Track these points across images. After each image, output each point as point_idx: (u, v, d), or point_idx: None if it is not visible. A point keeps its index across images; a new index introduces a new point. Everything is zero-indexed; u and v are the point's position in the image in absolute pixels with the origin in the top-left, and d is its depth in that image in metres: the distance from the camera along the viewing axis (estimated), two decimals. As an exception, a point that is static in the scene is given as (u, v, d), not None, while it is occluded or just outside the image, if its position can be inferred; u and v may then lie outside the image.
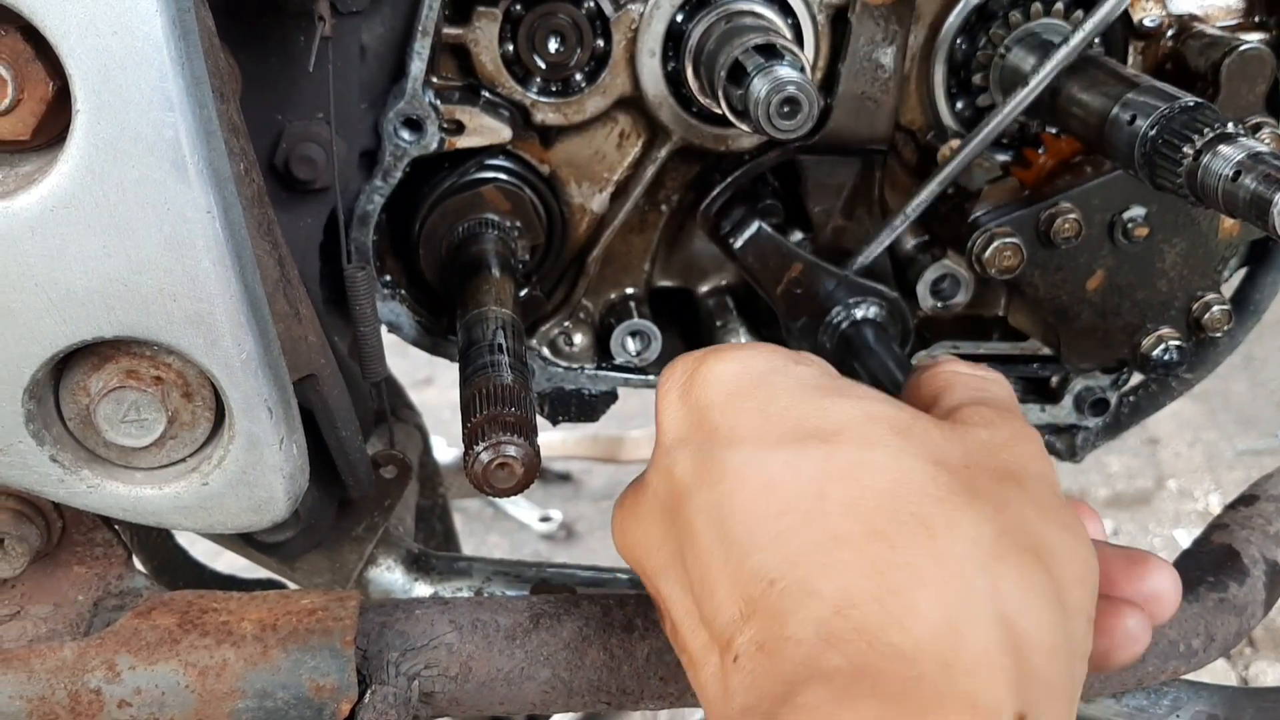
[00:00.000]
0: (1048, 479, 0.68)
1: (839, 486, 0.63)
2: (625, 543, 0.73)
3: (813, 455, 0.64)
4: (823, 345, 1.08)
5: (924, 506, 0.62)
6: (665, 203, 1.14)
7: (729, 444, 0.67)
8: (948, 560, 0.59)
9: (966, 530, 0.61)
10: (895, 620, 0.57)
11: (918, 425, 0.67)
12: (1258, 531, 1.04)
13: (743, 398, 0.69)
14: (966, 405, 0.72)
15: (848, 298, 1.08)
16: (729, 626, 0.62)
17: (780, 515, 0.63)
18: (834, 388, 0.70)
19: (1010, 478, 0.66)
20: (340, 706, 0.82)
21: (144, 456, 0.75)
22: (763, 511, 0.63)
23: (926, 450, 0.65)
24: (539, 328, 1.15)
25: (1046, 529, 0.64)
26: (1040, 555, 0.62)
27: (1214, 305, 1.10)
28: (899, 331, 1.09)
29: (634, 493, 0.73)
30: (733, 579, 0.62)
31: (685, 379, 0.72)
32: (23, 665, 0.81)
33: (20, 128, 0.64)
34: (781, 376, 0.70)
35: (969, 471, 0.65)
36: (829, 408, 0.67)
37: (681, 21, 1.02)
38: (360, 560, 1.12)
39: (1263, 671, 2.55)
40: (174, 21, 0.61)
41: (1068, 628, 0.61)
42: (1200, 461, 3.29)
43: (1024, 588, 0.60)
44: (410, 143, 1.03)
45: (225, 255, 0.67)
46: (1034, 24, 1.04)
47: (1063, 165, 1.07)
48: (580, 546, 3.07)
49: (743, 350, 0.73)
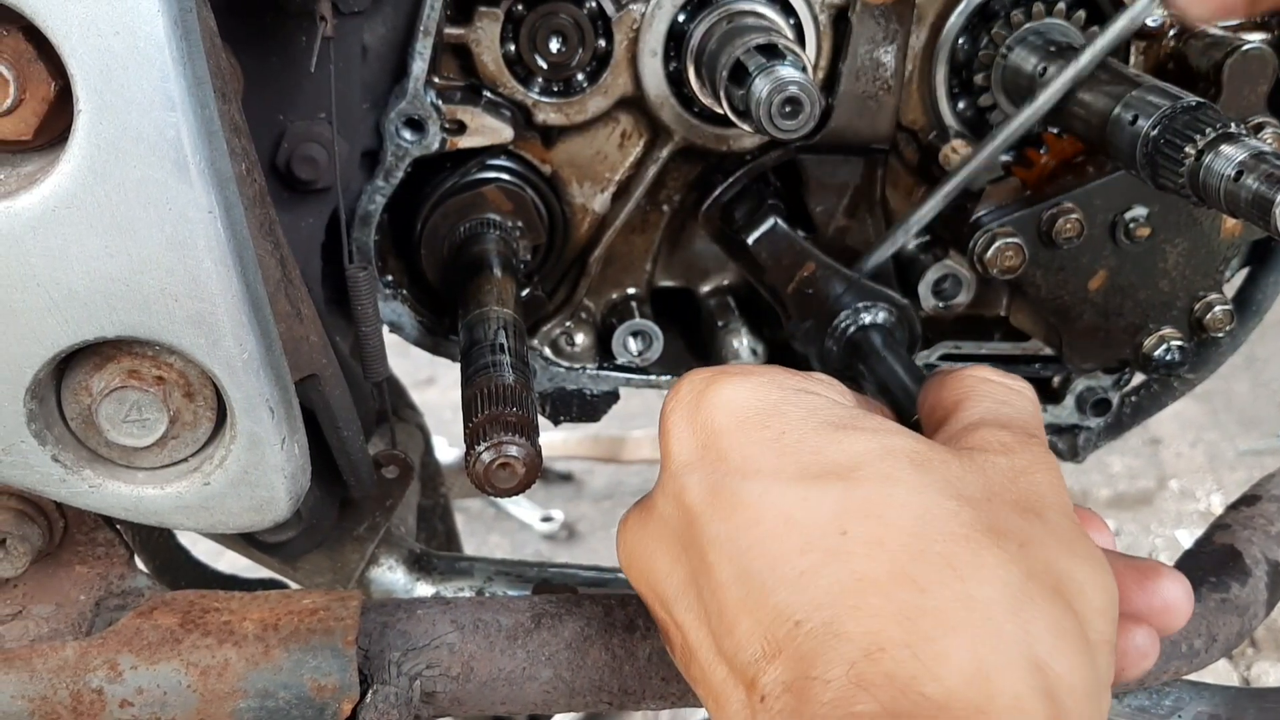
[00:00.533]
0: (1065, 508, 0.67)
1: (861, 524, 0.62)
2: (633, 566, 0.72)
3: (832, 491, 0.64)
4: (830, 349, 1.07)
5: (949, 545, 0.61)
6: (667, 203, 1.14)
7: (743, 474, 0.66)
8: (976, 604, 0.59)
9: (993, 571, 0.60)
10: (927, 668, 0.57)
11: (935, 457, 0.66)
12: (1260, 532, 1.04)
13: (755, 426, 0.68)
14: (984, 426, 0.71)
15: (856, 301, 1.07)
16: (752, 665, 0.61)
17: (802, 553, 0.62)
18: (848, 419, 0.69)
19: (1030, 509, 0.65)
20: (342, 706, 0.82)
21: (146, 456, 0.75)
22: (783, 548, 0.62)
23: (947, 484, 0.64)
24: (541, 328, 1.15)
25: (1069, 562, 0.63)
26: (1065, 593, 0.62)
27: (1216, 305, 1.10)
28: (907, 337, 1.08)
29: (641, 514, 0.72)
30: (754, 616, 0.62)
31: (692, 401, 0.70)
32: (25, 665, 0.81)
33: (22, 128, 0.64)
34: (794, 406, 0.69)
35: (990, 505, 0.64)
36: (844, 441, 0.66)
37: (683, 21, 1.02)
38: (362, 560, 1.12)
39: (1265, 672, 2.55)
40: (176, 21, 0.61)
41: (1095, 663, 0.61)
42: (1202, 462, 3.29)
43: (1053, 630, 0.59)
44: (412, 143, 1.03)
45: (227, 255, 0.67)
46: (1036, 24, 1.04)
47: (1064, 165, 1.07)
48: (582, 546, 3.07)
49: (752, 374, 0.71)
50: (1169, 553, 2.92)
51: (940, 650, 0.57)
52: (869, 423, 0.69)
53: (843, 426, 0.68)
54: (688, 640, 0.68)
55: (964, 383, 0.76)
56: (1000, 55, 1.05)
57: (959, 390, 0.76)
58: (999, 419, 0.72)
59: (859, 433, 0.67)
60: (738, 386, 0.70)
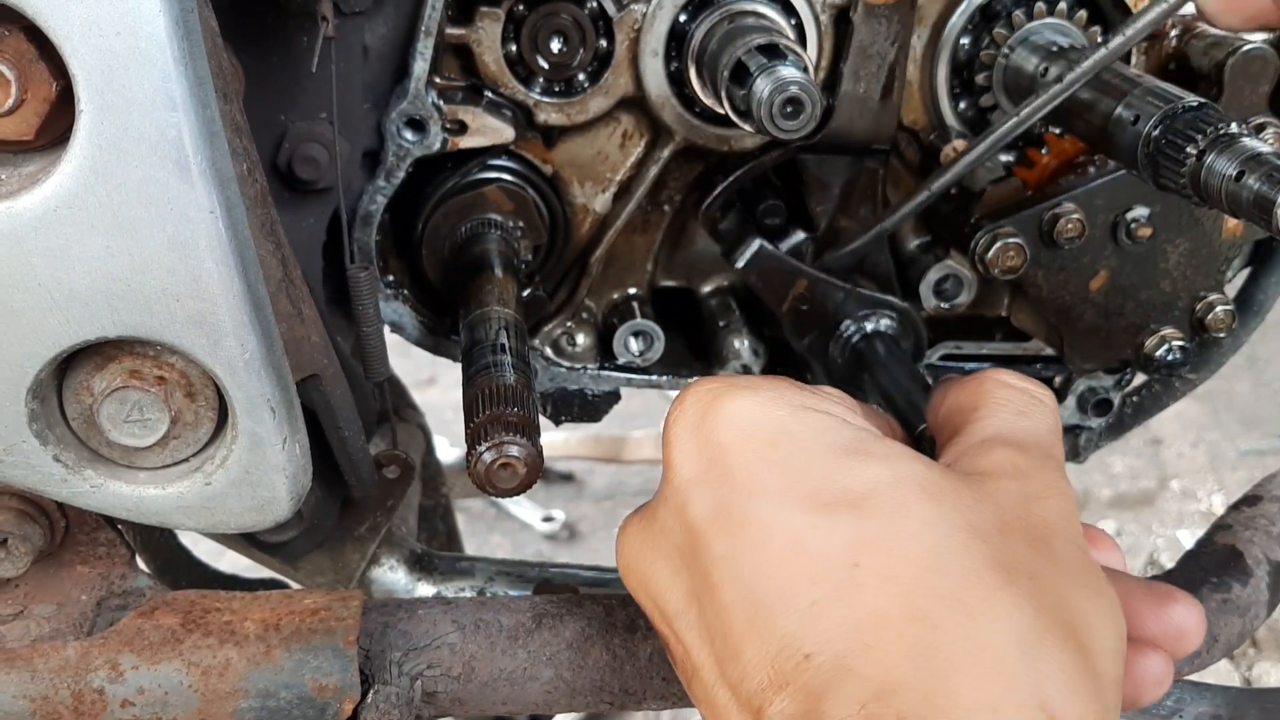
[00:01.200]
0: (1076, 538, 0.67)
1: (873, 557, 0.61)
2: (633, 576, 0.72)
3: (843, 521, 0.63)
4: (834, 360, 1.07)
5: (961, 583, 0.60)
6: (668, 203, 1.14)
7: (750, 493, 0.65)
8: (988, 646, 0.59)
9: (1005, 611, 0.60)
10: (938, 709, 0.57)
11: (947, 486, 0.65)
12: (1261, 532, 1.04)
13: (762, 445, 0.67)
14: (999, 445, 0.70)
15: (858, 310, 1.07)
16: (758, 694, 0.61)
17: (813, 583, 0.61)
18: (857, 442, 0.68)
19: (1042, 541, 0.65)
20: (343, 706, 0.82)
21: (147, 456, 0.75)
22: (792, 575, 0.62)
23: (959, 516, 0.63)
24: (542, 328, 1.15)
25: (1079, 598, 0.63)
26: (1076, 632, 0.61)
27: (1217, 305, 1.10)
28: (912, 344, 1.08)
29: (641, 524, 0.72)
30: (761, 643, 0.61)
31: (698, 413, 0.69)
32: (26, 665, 0.81)
33: (24, 128, 0.64)
34: (802, 426, 0.68)
35: (1002, 538, 0.63)
36: (855, 468, 0.66)
37: (684, 21, 1.02)
38: (363, 560, 1.12)
39: (1266, 672, 2.55)
40: (177, 22, 0.61)
41: (1104, 704, 0.61)
42: (1203, 462, 3.29)
43: (1063, 673, 0.59)
44: (413, 143, 1.03)
45: (228, 255, 0.67)
46: (1037, 24, 1.04)
47: (1066, 165, 1.07)
48: (583, 546, 3.07)
49: (759, 388, 0.70)
50: (1170, 553, 2.92)
51: (951, 691, 0.57)
52: (879, 447, 0.68)
53: (853, 451, 0.67)
54: (690, 659, 0.67)
55: (982, 387, 0.75)
56: (1002, 55, 1.05)
57: (976, 396, 0.74)
58: (1015, 436, 0.71)
59: (870, 459, 0.66)
60: (745, 401, 0.69)
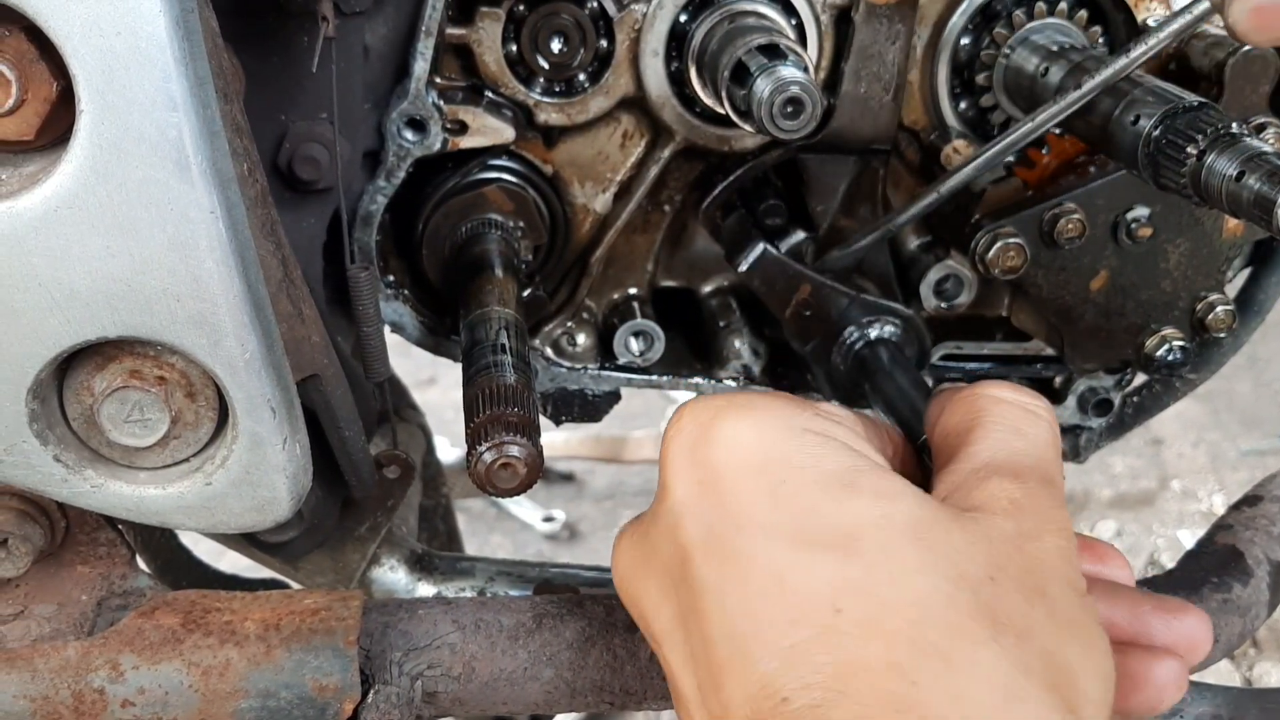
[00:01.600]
0: (1071, 581, 0.65)
1: (855, 602, 0.61)
2: (625, 589, 0.72)
3: (827, 562, 0.62)
4: (836, 367, 1.06)
5: (944, 636, 0.59)
6: (668, 203, 1.14)
7: (738, 525, 0.65)
8: (966, 702, 0.58)
9: (987, 668, 0.59)
10: None
11: (938, 527, 0.64)
12: (1261, 532, 1.04)
13: (756, 474, 0.66)
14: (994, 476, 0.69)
15: (861, 317, 1.06)
16: None
17: (793, 624, 0.61)
18: (852, 474, 0.67)
19: (1035, 586, 0.63)
20: (343, 706, 0.82)
21: (147, 456, 0.75)
22: (772, 614, 0.61)
23: (947, 562, 0.62)
24: (542, 328, 1.15)
25: (1068, 650, 0.62)
26: (1060, 686, 0.60)
27: (1218, 305, 1.10)
28: (916, 351, 1.07)
29: (636, 537, 0.72)
30: (741, 680, 0.61)
31: (695, 434, 0.69)
32: (26, 665, 0.81)
33: (24, 128, 0.64)
34: (799, 453, 0.67)
35: (992, 586, 0.62)
36: (845, 504, 0.65)
37: (685, 22, 1.02)
38: (363, 560, 1.12)
39: (1266, 672, 2.55)
40: (177, 22, 0.61)
41: None
42: (1204, 462, 3.29)
43: None
44: (413, 143, 1.03)
45: (228, 255, 0.67)
46: (1038, 24, 1.04)
47: (1066, 165, 1.07)
48: (583, 546, 3.07)
49: (758, 410, 0.69)
50: (1171, 553, 2.91)
51: None
52: (872, 481, 0.67)
53: (846, 484, 0.66)
54: (675, 683, 0.67)
55: (976, 404, 0.73)
56: (1002, 56, 1.05)
57: (970, 414, 0.73)
58: (1010, 462, 0.70)
59: (860, 496, 0.65)
60: (742, 423, 0.68)
